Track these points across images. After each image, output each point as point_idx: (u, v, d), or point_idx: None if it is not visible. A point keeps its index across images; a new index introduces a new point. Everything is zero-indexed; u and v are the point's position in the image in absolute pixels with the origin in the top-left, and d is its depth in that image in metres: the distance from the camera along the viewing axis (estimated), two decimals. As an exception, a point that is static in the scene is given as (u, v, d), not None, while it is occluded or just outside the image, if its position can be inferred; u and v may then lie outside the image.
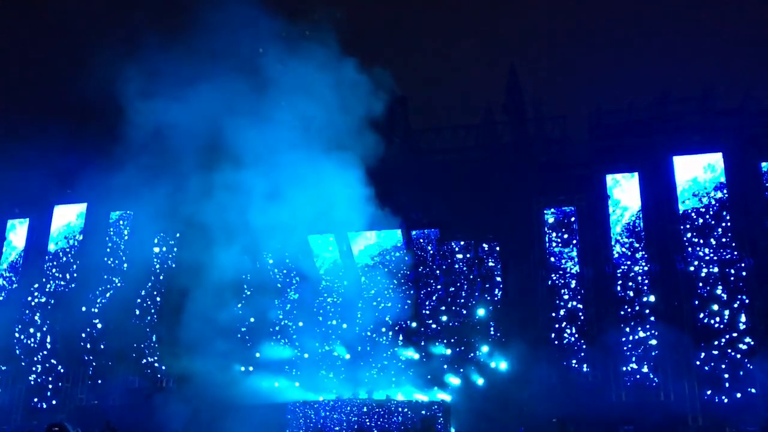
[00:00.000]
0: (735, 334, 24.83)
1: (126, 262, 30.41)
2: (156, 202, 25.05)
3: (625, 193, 27.82)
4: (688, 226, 26.28)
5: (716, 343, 24.87)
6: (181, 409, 25.05)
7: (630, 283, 26.64)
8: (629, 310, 26.36)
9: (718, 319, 25.12)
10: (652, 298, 26.25)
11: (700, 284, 25.60)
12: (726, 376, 24.50)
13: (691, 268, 25.83)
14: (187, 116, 21.15)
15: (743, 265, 25.47)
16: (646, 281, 26.57)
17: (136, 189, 25.21)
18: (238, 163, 23.58)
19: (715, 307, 25.15)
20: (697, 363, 24.84)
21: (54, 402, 29.58)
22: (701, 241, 26.00)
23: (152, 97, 21.42)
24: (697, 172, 26.79)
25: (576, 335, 26.91)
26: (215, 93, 21.14)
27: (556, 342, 26.93)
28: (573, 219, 28.30)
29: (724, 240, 25.85)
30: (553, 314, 27.29)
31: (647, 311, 26.18)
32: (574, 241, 28.04)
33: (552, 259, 28.04)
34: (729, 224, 25.93)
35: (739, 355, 24.57)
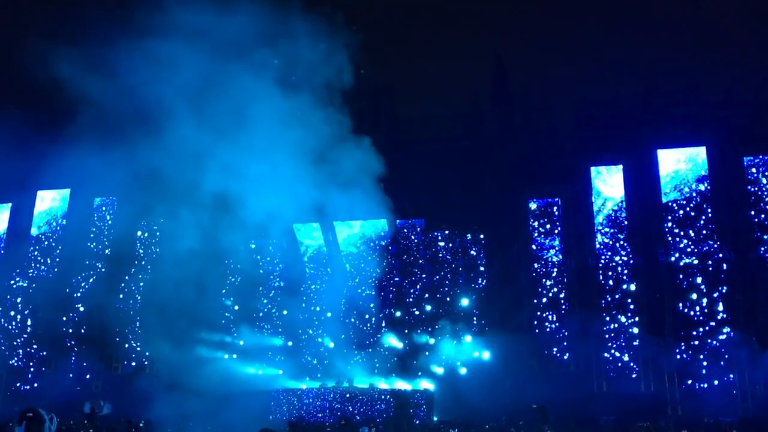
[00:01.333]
0: (713, 324, 25.20)
1: (109, 247, 30.26)
2: (138, 188, 24.79)
3: (607, 184, 28.05)
4: (669, 217, 26.57)
5: (695, 333, 25.25)
6: (164, 395, 24.96)
7: (611, 273, 26.93)
8: (610, 299, 26.66)
9: (698, 309, 25.47)
10: (633, 288, 26.56)
11: (681, 275, 25.92)
12: (705, 364, 24.87)
13: (672, 259, 26.14)
14: (169, 99, 20.86)
15: (723, 256, 25.80)
16: (627, 271, 26.86)
17: (119, 175, 24.93)
18: (222, 150, 23.35)
19: (694, 297, 25.51)
20: (677, 352, 25.19)
21: (36, 385, 29.46)
22: (682, 233, 26.30)
23: (129, 79, 21.06)
24: (680, 165, 27.06)
25: (557, 324, 27.17)
26: (198, 72, 20.84)
27: (538, 331, 27.18)
28: (555, 209, 28.50)
29: (704, 232, 26.17)
30: (536, 302, 27.53)
31: (628, 301, 26.49)
32: (557, 231, 28.25)
33: (534, 248, 28.25)
34: (710, 216, 26.25)
35: (716, 343, 24.95)
